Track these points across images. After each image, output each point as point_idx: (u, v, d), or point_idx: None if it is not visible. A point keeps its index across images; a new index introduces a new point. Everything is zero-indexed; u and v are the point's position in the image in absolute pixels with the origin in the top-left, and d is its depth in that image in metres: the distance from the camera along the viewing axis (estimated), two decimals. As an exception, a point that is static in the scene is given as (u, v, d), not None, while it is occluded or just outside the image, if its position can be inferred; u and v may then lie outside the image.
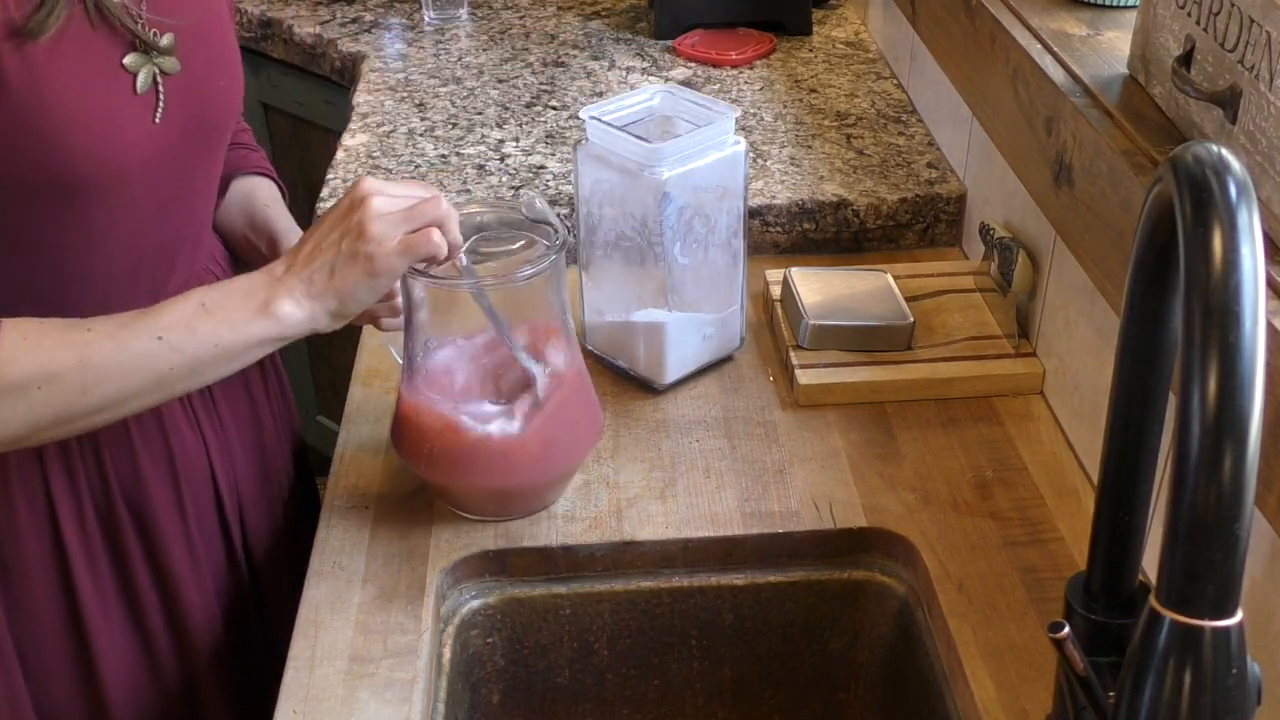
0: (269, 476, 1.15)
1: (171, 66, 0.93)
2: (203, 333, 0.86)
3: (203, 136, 1.00)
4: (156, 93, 0.93)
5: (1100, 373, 1.02)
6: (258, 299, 0.88)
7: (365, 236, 0.87)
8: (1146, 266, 0.62)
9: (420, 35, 1.86)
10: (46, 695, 1.01)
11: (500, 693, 1.03)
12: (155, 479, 1.02)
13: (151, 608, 1.04)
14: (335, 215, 0.90)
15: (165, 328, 0.86)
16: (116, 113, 0.90)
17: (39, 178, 0.87)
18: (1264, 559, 0.77)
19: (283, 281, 0.89)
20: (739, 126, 1.26)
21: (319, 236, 0.90)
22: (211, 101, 0.99)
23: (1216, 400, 0.50)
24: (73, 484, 0.98)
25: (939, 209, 1.38)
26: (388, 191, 0.90)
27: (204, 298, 0.88)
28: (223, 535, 1.10)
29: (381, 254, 0.87)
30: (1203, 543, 0.51)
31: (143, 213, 0.95)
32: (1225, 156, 0.54)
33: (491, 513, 1.01)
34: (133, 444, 1.00)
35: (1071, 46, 1.10)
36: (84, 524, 0.99)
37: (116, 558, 1.02)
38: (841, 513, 1.02)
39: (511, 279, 0.94)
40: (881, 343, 1.17)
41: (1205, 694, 0.54)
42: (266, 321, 0.88)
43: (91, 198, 0.91)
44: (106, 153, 0.89)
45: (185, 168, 0.99)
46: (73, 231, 0.92)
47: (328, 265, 0.88)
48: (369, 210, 0.88)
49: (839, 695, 1.06)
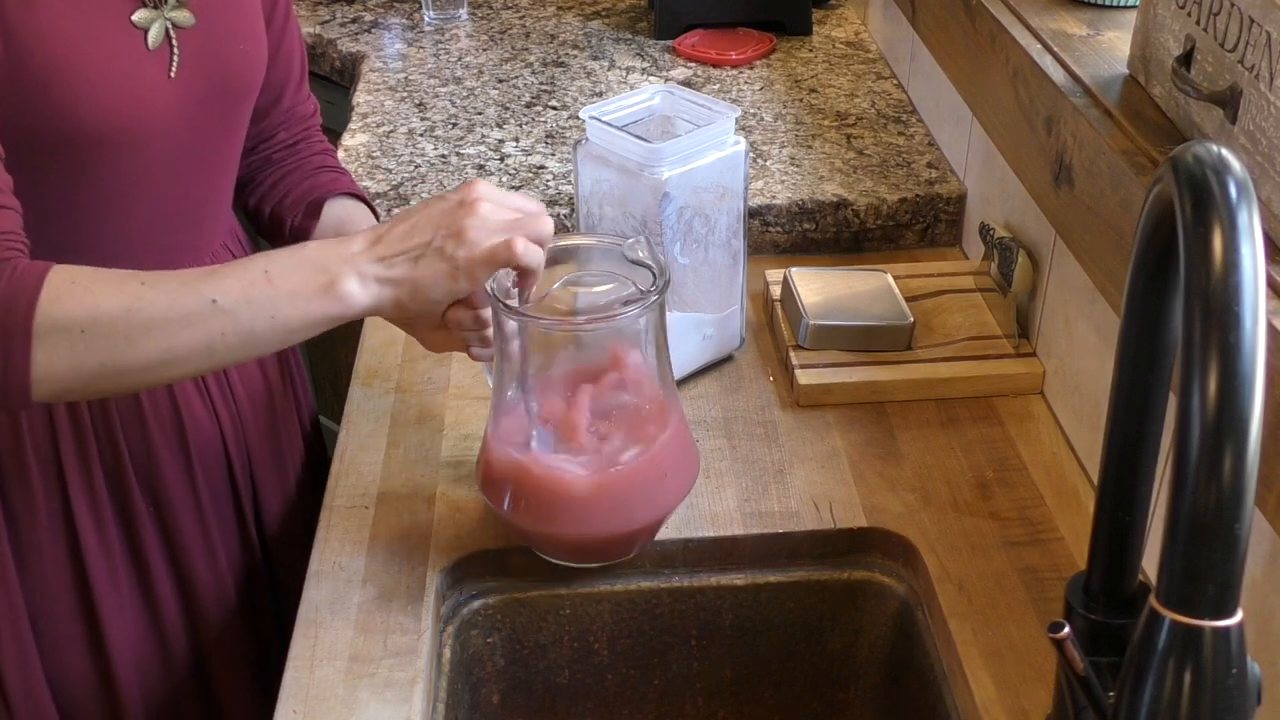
0: (282, 452, 1.16)
1: (184, 19, 0.93)
2: (260, 302, 0.83)
3: (221, 101, 0.99)
4: (170, 47, 0.93)
5: (1100, 373, 1.02)
6: (325, 275, 0.84)
7: (463, 239, 0.85)
8: (1146, 266, 0.62)
9: (420, 35, 1.86)
10: (56, 661, 1.03)
11: (500, 693, 1.03)
12: (167, 451, 1.03)
13: (161, 579, 1.06)
14: (439, 209, 0.87)
15: (222, 290, 0.82)
16: (129, 69, 0.90)
17: (51, 136, 0.87)
18: (1264, 559, 0.77)
19: (355, 260, 0.85)
20: (739, 126, 1.26)
21: (415, 223, 0.87)
22: (230, 64, 0.98)
23: (1216, 400, 0.50)
24: (84, 455, 1.00)
25: (939, 209, 1.38)
26: (497, 199, 0.88)
27: (269, 264, 0.84)
28: (234, 509, 1.11)
29: (469, 260, 0.85)
30: (1203, 543, 0.51)
31: (157, 177, 0.95)
32: (1225, 156, 0.54)
33: (570, 558, 0.97)
34: (144, 415, 1.01)
35: (1071, 46, 1.10)
36: (95, 494, 1.01)
37: (127, 528, 1.04)
38: (841, 513, 1.02)
39: (593, 320, 0.91)
40: (881, 343, 1.17)
41: (1205, 694, 0.54)
42: (328, 300, 0.84)
43: (106, 157, 0.90)
44: (119, 109, 0.89)
45: (203, 132, 0.98)
46: (85, 193, 0.92)
47: (414, 254, 0.86)
48: (476, 214, 0.86)
49: (839, 695, 1.06)
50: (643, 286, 0.91)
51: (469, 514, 1.02)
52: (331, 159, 1.19)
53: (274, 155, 1.15)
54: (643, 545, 0.97)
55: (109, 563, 1.03)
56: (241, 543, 1.13)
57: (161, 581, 1.06)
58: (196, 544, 1.07)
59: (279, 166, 1.15)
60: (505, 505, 0.93)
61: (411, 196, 1.39)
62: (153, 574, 1.05)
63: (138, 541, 1.04)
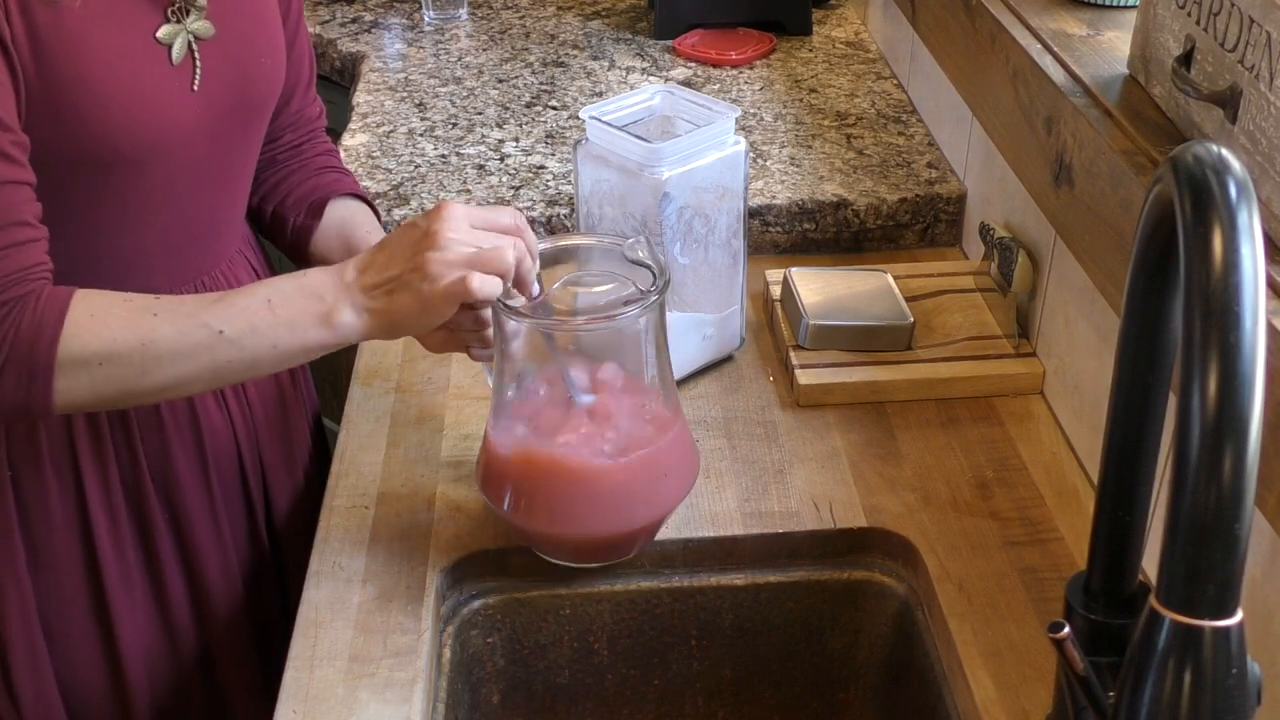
0: (292, 455, 1.17)
1: (205, 30, 0.94)
2: (264, 331, 0.87)
3: (241, 112, 1.00)
4: (193, 61, 0.93)
5: (1100, 373, 1.02)
6: (323, 305, 0.88)
7: (424, 272, 0.86)
8: (1146, 266, 0.62)
9: (420, 35, 1.86)
10: (68, 662, 1.04)
11: (500, 693, 1.03)
12: (183, 456, 1.04)
13: (173, 578, 1.06)
14: (408, 239, 0.88)
15: (228, 321, 0.86)
16: (154, 85, 0.91)
17: (75, 152, 0.89)
18: (1264, 559, 0.77)
19: (349, 289, 0.88)
20: (739, 126, 1.26)
21: (390, 254, 0.89)
22: (250, 75, 0.99)
23: (1216, 400, 0.50)
24: (101, 458, 1.00)
25: (939, 209, 1.38)
26: (463, 227, 0.88)
27: (271, 293, 0.88)
28: (246, 512, 1.12)
29: (433, 294, 0.86)
30: (1203, 543, 0.51)
31: (177, 189, 0.96)
32: (1225, 156, 0.54)
33: (570, 558, 0.97)
34: (162, 421, 1.02)
35: (1071, 46, 1.10)
36: (110, 498, 1.01)
37: (142, 532, 1.04)
38: (841, 513, 1.02)
39: (593, 320, 0.91)
40: (881, 343, 1.17)
41: (1205, 694, 0.54)
42: (325, 330, 0.88)
43: (128, 172, 0.92)
44: (144, 124, 0.90)
45: (223, 143, 0.99)
46: (107, 208, 0.93)
47: (389, 286, 0.88)
48: (437, 243, 0.87)
49: (839, 695, 1.06)
50: (643, 286, 0.91)
51: (469, 514, 1.02)
52: (335, 160, 1.19)
53: (278, 156, 1.15)
54: (643, 545, 0.97)
55: (123, 565, 1.03)
56: (252, 543, 1.13)
57: (174, 584, 1.06)
58: (210, 547, 1.08)
59: (283, 166, 1.15)
60: (505, 505, 0.93)
61: (411, 197, 1.39)
62: (165, 576, 1.06)
63: (152, 545, 1.05)
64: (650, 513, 0.94)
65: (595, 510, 0.92)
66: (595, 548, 0.96)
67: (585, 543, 0.95)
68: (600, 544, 0.95)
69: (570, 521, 0.92)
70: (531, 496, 0.92)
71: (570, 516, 0.92)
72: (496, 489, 0.94)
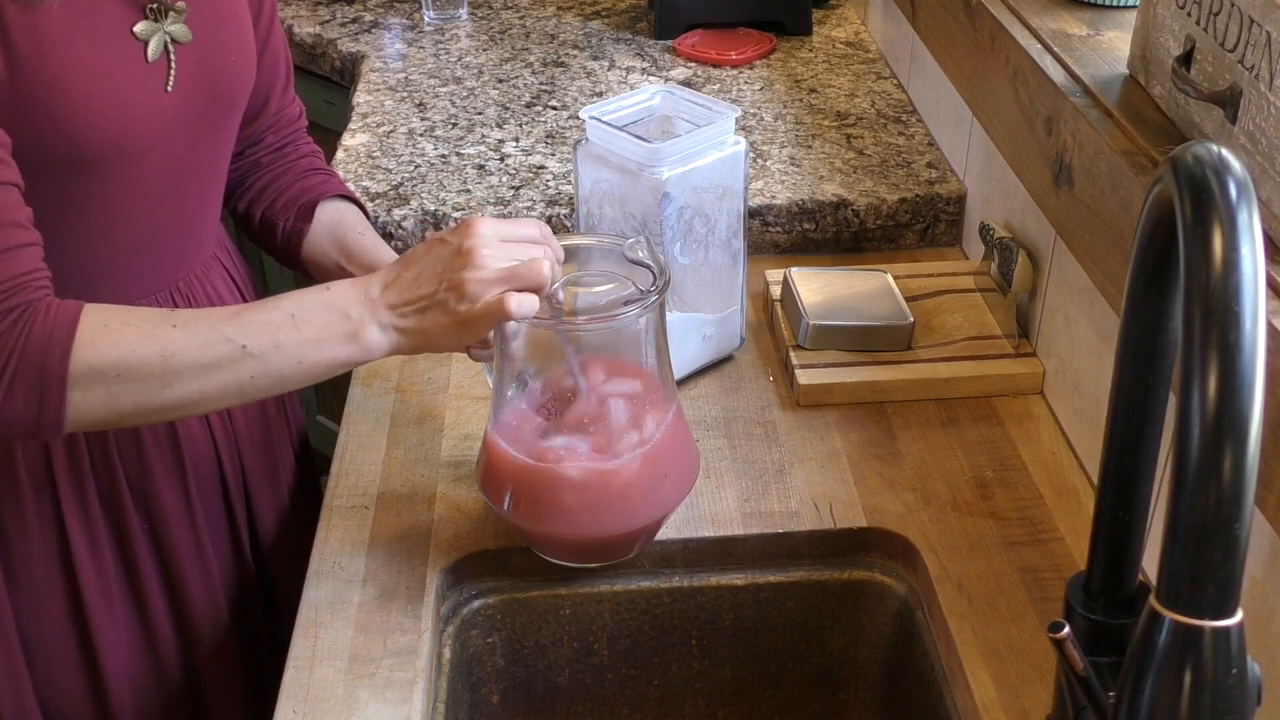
0: (275, 468, 1.16)
1: (182, 34, 0.93)
2: (288, 347, 0.85)
3: (213, 112, 0.99)
4: (168, 61, 0.93)
5: (1100, 373, 1.02)
6: (349, 323, 0.86)
7: (460, 292, 0.85)
8: (1146, 266, 0.62)
9: (420, 35, 1.86)
10: (48, 678, 1.03)
11: (500, 693, 1.03)
12: (162, 467, 1.03)
13: (155, 595, 1.05)
14: (441, 256, 0.87)
15: (250, 336, 0.84)
16: (129, 83, 0.90)
17: (50, 152, 0.87)
18: (1264, 559, 0.77)
19: (376, 306, 0.87)
20: (739, 126, 1.26)
21: (420, 271, 0.88)
22: (222, 75, 0.99)
23: (1216, 400, 0.50)
24: (77, 473, 0.99)
25: (939, 209, 1.38)
26: (496, 242, 0.87)
27: (295, 307, 0.86)
28: (229, 525, 1.11)
29: (470, 315, 0.86)
30: (1203, 543, 0.51)
31: (148, 190, 0.95)
32: (1225, 156, 0.54)
33: (570, 558, 0.97)
34: (140, 433, 1.01)
35: (1071, 46, 1.10)
36: (88, 511, 1.00)
37: (121, 545, 1.03)
38: (841, 513, 1.02)
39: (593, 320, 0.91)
40: (881, 343, 1.17)
41: (1205, 694, 0.54)
42: (353, 347, 0.87)
43: (100, 173, 0.90)
44: (118, 125, 0.89)
45: (196, 144, 0.98)
46: (77, 207, 0.91)
47: (421, 304, 0.87)
48: (474, 264, 0.86)
49: (839, 695, 1.06)
50: (643, 286, 0.91)
51: (469, 514, 1.02)
52: (320, 161, 1.18)
53: (262, 159, 1.14)
54: (643, 545, 0.97)
55: (102, 580, 1.02)
56: (235, 556, 1.12)
57: (155, 597, 1.05)
58: (190, 559, 1.06)
59: (267, 170, 1.14)
60: (505, 505, 0.93)
61: (411, 197, 1.39)
62: (146, 590, 1.04)
63: (131, 558, 1.03)
64: (650, 513, 0.94)
65: (595, 510, 0.92)
66: (595, 548, 0.96)
67: (585, 543, 0.95)
68: (600, 544, 0.95)
69: (570, 522, 0.92)
70: (531, 496, 0.92)
71: (570, 517, 0.92)
72: (496, 489, 0.94)
